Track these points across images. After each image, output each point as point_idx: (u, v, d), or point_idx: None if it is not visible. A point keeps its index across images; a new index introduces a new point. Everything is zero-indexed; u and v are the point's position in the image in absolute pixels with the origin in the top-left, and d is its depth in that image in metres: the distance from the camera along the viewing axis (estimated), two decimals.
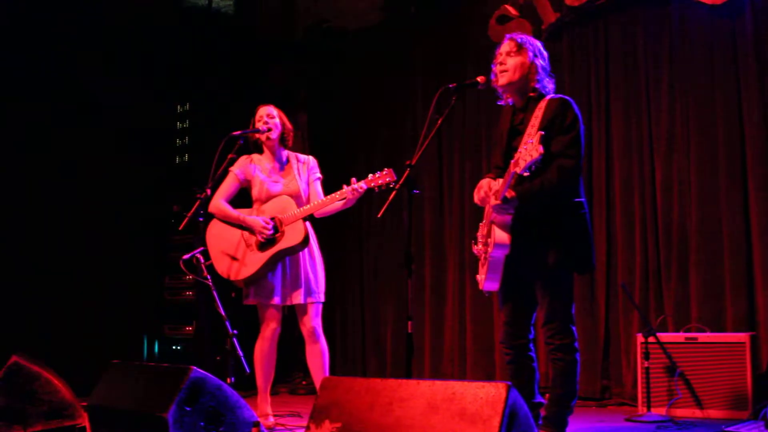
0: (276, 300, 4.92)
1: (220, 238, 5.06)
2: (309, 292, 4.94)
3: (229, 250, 5.00)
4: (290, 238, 4.88)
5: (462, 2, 7.22)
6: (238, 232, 5.02)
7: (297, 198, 5.01)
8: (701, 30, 5.87)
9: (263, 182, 5.06)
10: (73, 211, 6.93)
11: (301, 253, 4.94)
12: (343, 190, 4.83)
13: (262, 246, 4.92)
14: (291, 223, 4.89)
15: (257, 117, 5.10)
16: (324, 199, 4.92)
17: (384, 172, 4.78)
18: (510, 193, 3.75)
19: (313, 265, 5.02)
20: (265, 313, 5.00)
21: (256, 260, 4.92)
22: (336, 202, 4.89)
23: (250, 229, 4.97)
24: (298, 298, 4.91)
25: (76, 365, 5.32)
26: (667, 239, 5.91)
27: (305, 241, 4.88)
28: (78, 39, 7.00)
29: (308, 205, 4.95)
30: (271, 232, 4.91)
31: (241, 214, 5.04)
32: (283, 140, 5.15)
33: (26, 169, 6.72)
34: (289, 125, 5.18)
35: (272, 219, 4.95)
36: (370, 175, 4.82)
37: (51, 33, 6.86)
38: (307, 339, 4.99)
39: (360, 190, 4.80)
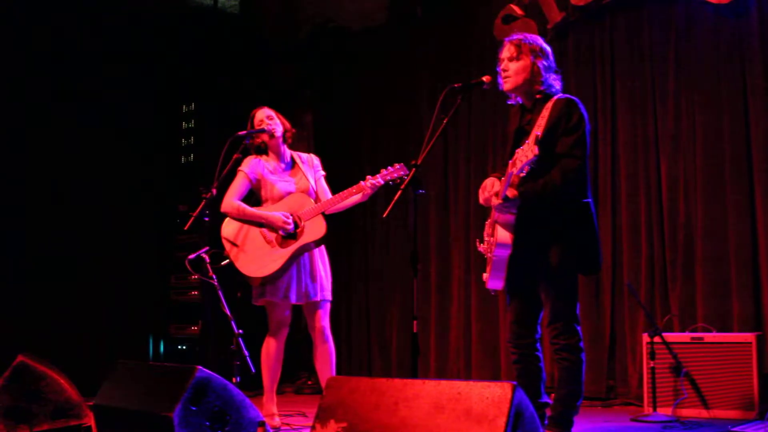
0: (291, 299, 4.90)
1: (237, 237, 5.01)
2: (322, 290, 4.95)
3: (249, 248, 4.96)
4: (312, 232, 4.89)
5: (467, 2, 7.22)
6: (256, 230, 4.98)
7: (308, 195, 5.02)
8: (707, 29, 5.86)
9: (273, 182, 5.05)
10: (77, 210, 6.93)
11: (315, 250, 4.96)
12: (360, 185, 4.85)
13: (283, 242, 4.92)
14: (311, 218, 4.89)
15: (256, 121, 5.09)
16: (341, 193, 4.92)
17: (396, 167, 4.85)
18: (512, 193, 3.76)
19: (324, 263, 5.03)
20: (276, 313, 4.99)
21: (279, 256, 4.88)
22: (353, 197, 4.91)
23: (269, 226, 4.96)
24: (315, 295, 4.91)
25: (82, 365, 5.33)
26: (673, 239, 5.91)
27: (326, 236, 4.90)
28: (82, 38, 7.01)
29: (326, 200, 4.96)
30: (292, 226, 4.91)
31: (256, 210, 5.01)
32: (285, 139, 5.16)
33: (30, 169, 6.73)
34: (287, 124, 5.19)
35: (290, 215, 4.96)
36: (383, 170, 4.86)
37: (54, 32, 6.87)
38: (315, 339, 4.98)
39: (377, 184, 4.84)
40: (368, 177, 4.87)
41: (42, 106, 6.81)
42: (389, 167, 4.88)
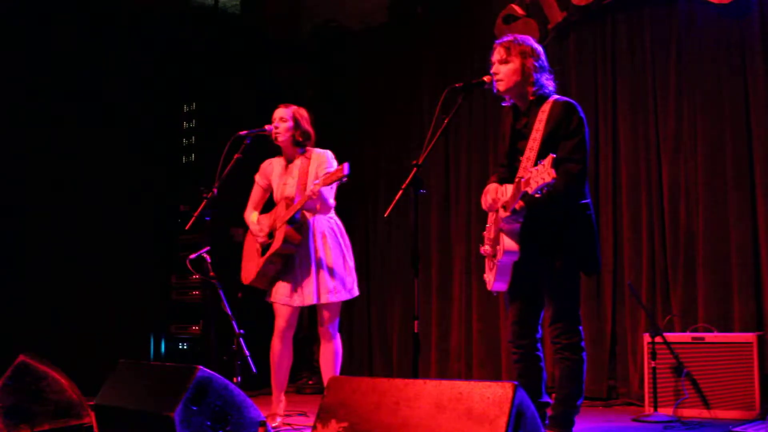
0: (286, 301, 4.95)
1: (247, 245, 5.22)
2: (324, 291, 4.91)
3: (249, 254, 5.16)
4: (275, 243, 4.93)
5: (468, 2, 7.21)
6: (254, 238, 5.16)
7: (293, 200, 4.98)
8: (708, 29, 5.85)
9: (277, 185, 5.11)
10: (79, 210, 6.93)
11: (312, 252, 4.93)
12: (307, 192, 4.77)
13: (263, 251, 5.03)
14: (280, 227, 4.92)
15: (274, 118, 5.10)
16: (295, 204, 4.87)
17: (338, 167, 4.61)
18: (519, 205, 3.74)
19: (331, 262, 4.96)
20: (278, 313, 5.03)
21: (257, 264, 5.02)
22: (312, 203, 4.86)
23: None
24: (310, 298, 4.90)
25: (83, 364, 5.32)
26: (674, 239, 5.90)
27: (286, 245, 4.87)
28: (82, 38, 7.00)
29: (287, 210, 4.92)
30: (262, 239, 5.02)
31: (250, 221, 5.16)
32: (296, 141, 5.09)
33: (30, 169, 6.72)
34: (304, 126, 5.10)
35: (262, 227, 5.08)
36: (325, 174, 4.75)
37: (54, 32, 6.86)
38: (321, 338, 5.03)
39: (316, 190, 4.70)
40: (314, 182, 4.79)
41: (42, 106, 6.80)
42: (332, 169, 4.74)
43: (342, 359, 5.09)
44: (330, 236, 5.01)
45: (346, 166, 4.56)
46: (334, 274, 4.96)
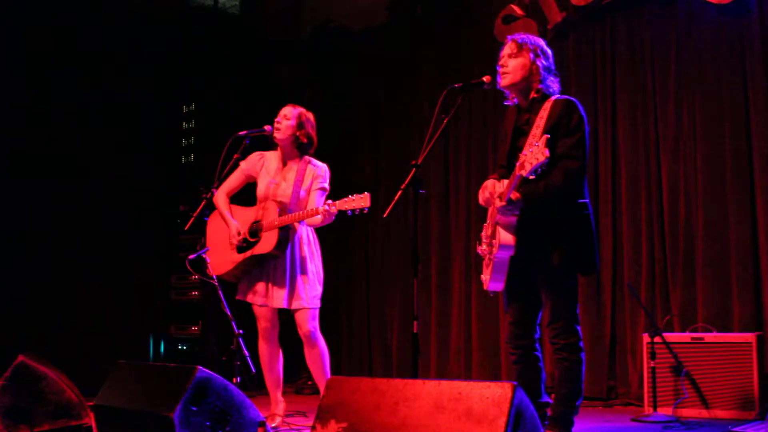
0: (259, 301, 4.91)
1: (215, 231, 5.10)
2: (295, 298, 4.87)
3: (219, 244, 5.03)
4: (263, 245, 4.85)
5: (468, 2, 7.22)
6: (227, 228, 5.04)
7: (290, 205, 4.92)
8: (708, 29, 5.86)
9: (262, 182, 5.03)
10: (79, 210, 6.93)
11: (288, 258, 4.88)
12: (317, 208, 4.70)
13: (240, 248, 4.94)
14: (268, 231, 4.85)
15: (279, 115, 5.03)
16: (296, 213, 4.80)
17: (361, 196, 4.54)
18: (515, 195, 3.75)
19: (305, 270, 4.91)
20: (258, 315, 5.01)
21: (230, 260, 4.94)
22: (315, 217, 4.74)
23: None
24: (279, 302, 4.86)
25: (83, 365, 5.33)
26: (673, 239, 5.91)
27: (276, 250, 4.80)
28: (82, 39, 7.00)
29: (284, 216, 4.84)
30: (237, 242, 4.92)
31: (227, 212, 5.04)
32: (298, 143, 5.01)
33: (30, 169, 6.72)
34: (308, 129, 5.01)
35: (254, 223, 4.94)
36: (347, 197, 4.62)
37: (54, 32, 6.86)
38: (304, 342, 4.96)
39: (332, 211, 4.62)
40: (328, 201, 4.70)
41: (42, 106, 6.81)
42: (355, 195, 4.59)
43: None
44: (306, 244, 4.96)
45: (368, 197, 4.51)
46: (307, 283, 4.91)
